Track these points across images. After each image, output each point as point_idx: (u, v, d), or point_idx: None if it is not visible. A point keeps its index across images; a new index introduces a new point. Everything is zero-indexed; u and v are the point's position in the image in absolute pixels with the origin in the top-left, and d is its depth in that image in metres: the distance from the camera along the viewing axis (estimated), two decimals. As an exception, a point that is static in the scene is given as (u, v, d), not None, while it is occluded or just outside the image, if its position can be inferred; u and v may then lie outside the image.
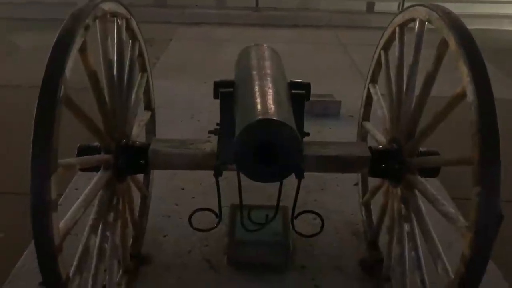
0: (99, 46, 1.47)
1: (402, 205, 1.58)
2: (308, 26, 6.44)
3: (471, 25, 1.34)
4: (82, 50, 1.25)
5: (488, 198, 1.07)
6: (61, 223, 1.13)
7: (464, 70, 1.16)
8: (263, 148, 1.16)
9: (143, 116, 2.02)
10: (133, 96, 1.74)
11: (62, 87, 1.09)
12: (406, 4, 6.27)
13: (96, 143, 1.50)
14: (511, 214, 1.26)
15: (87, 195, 1.33)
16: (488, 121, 1.09)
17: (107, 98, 1.47)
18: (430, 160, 1.57)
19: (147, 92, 2.04)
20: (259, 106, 1.22)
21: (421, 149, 1.56)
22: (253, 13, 6.58)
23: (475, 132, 1.10)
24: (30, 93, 3.79)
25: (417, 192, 1.50)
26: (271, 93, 1.31)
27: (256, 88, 1.34)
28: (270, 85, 1.37)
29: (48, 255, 1.07)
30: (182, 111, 3.47)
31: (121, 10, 1.57)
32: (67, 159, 1.24)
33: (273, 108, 1.20)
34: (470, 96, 1.14)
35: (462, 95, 1.20)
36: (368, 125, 2.08)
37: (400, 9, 6.68)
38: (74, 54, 1.15)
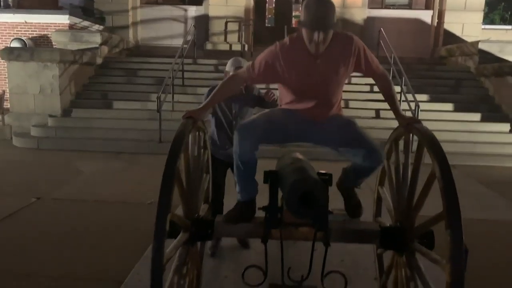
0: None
1: (408, 269, 2.03)
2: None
3: (480, 162, 1.87)
4: (186, 148, 1.97)
5: (456, 238, 1.57)
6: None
7: (433, 159, 1.78)
8: (304, 195, 1.76)
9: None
10: (201, 186, 2.39)
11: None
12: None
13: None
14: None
15: (174, 245, 1.88)
16: (447, 184, 1.66)
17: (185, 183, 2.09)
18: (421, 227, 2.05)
19: (207, 189, 2.69)
20: (298, 172, 1.87)
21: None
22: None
23: (442, 193, 1.66)
24: (94, 206, 4.67)
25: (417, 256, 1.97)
26: (306, 169, 1.98)
27: (295, 167, 2.02)
28: (305, 165, 2.04)
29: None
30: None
31: (202, 126, 2.34)
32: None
33: (308, 172, 1.85)
34: (437, 173, 1.74)
35: (434, 175, 1.80)
36: (379, 219, 2.62)
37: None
38: (187, 141, 1.86)
